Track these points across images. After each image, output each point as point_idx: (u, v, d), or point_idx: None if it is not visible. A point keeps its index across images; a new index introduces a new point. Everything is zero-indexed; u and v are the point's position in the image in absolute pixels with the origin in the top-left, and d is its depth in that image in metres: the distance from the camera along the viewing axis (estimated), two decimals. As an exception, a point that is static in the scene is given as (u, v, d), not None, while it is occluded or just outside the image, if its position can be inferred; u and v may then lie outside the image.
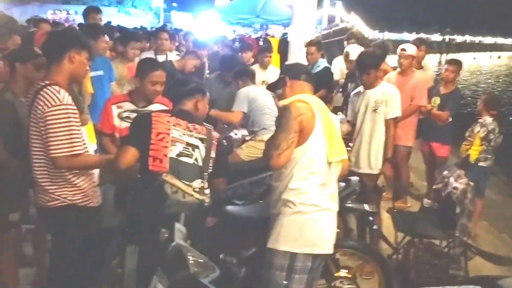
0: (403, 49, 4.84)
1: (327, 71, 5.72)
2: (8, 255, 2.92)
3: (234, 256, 2.87)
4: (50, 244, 2.84)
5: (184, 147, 2.41)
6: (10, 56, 2.88)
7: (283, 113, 2.30)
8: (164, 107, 3.12)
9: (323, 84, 5.57)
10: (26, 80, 2.77)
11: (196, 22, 14.62)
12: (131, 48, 4.56)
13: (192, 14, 15.32)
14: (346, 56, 5.19)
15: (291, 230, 2.29)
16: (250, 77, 4.58)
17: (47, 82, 2.30)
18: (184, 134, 2.43)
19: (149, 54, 5.12)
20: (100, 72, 4.09)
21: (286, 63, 4.41)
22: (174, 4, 29.18)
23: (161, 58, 4.98)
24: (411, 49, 4.85)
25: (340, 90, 5.98)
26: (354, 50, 5.09)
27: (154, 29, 14.98)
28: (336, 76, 6.04)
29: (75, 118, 2.31)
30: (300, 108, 2.28)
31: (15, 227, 2.94)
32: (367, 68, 3.70)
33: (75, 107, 2.34)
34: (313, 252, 2.30)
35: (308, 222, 2.28)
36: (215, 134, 2.61)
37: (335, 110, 5.96)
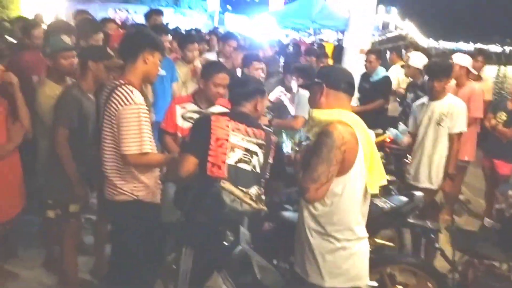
0: (450, 58, 4.69)
1: (386, 80, 5.60)
2: (68, 244, 3.06)
3: (287, 262, 2.85)
4: (110, 234, 2.96)
5: (243, 153, 2.38)
6: (83, 53, 3.00)
7: (324, 140, 2.02)
8: (226, 110, 3.17)
9: (381, 93, 5.48)
10: (95, 79, 2.90)
11: (250, 24, 14.74)
12: (189, 51, 4.64)
13: (248, 17, 15.47)
14: (406, 60, 5.07)
15: (336, 267, 2.12)
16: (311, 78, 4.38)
17: (122, 81, 2.39)
18: (243, 140, 2.39)
19: (212, 56, 5.20)
20: (163, 73, 4.21)
21: (324, 65, 4.19)
22: (229, 7, 29.54)
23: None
24: (462, 60, 4.65)
25: (398, 99, 5.85)
26: (416, 56, 4.96)
27: (209, 31, 15.28)
28: (393, 85, 5.92)
29: (146, 117, 2.39)
30: (344, 135, 2.01)
31: (75, 217, 3.05)
32: (438, 75, 3.57)
33: (146, 107, 2.42)
34: (360, 285, 2.19)
35: (353, 256, 2.14)
36: (274, 138, 2.56)
37: (391, 120, 5.86)
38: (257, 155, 2.42)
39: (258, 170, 2.41)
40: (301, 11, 12.47)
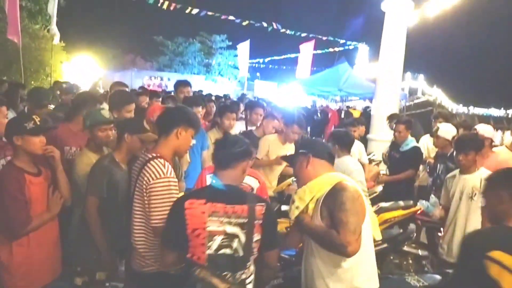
0: (474, 129, 4.72)
1: (416, 151, 5.53)
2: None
3: None
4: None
5: (222, 239, 2.16)
6: (121, 125, 3.14)
7: (344, 194, 2.18)
8: (254, 180, 3.20)
9: (411, 163, 5.42)
10: (129, 150, 3.01)
11: (278, 91, 15.20)
12: (227, 119, 4.77)
13: (277, 84, 16.04)
14: (435, 131, 5.04)
15: None
16: (347, 145, 4.17)
17: (154, 154, 2.48)
18: (222, 223, 2.16)
19: (240, 125, 5.33)
20: (193, 141, 4.34)
21: (303, 139, 4.17)
22: (258, 74, 30.73)
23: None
24: (484, 130, 4.65)
25: (427, 169, 5.76)
26: (445, 127, 4.95)
27: (239, 96, 15.79)
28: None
29: (176, 189, 2.44)
30: (356, 188, 2.23)
31: (101, 285, 3.02)
32: (465, 149, 3.59)
33: (176, 179, 2.49)
34: None
35: None
36: (260, 209, 2.23)
37: (420, 189, 5.74)
38: (238, 237, 2.18)
39: (240, 253, 2.18)
40: (328, 80, 12.84)
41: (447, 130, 4.89)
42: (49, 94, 4.98)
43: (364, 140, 7.52)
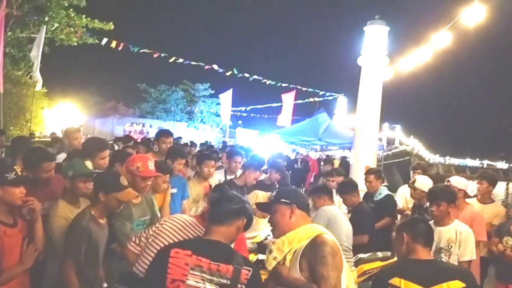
0: (448, 181, 4.75)
1: (389, 198, 5.65)
2: None
3: None
4: None
5: None
6: (95, 182, 3.06)
7: (324, 248, 2.14)
8: None
9: (386, 212, 5.49)
10: (106, 209, 2.97)
11: (259, 139, 15.39)
12: (206, 166, 4.78)
13: (258, 133, 16.30)
14: (412, 183, 5.13)
15: None
16: (328, 194, 4.30)
17: None
18: (203, 280, 2.06)
19: (220, 174, 5.36)
20: (174, 190, 4.34)
21: (283, 188, 4.17)
22: (240, 122, 31.13)
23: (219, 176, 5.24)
24: (457, 182, 4.70)
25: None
26: (421, 179, 5.05)
27: (221, 144, 15.88)
28: (400, 204, 5.94)
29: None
30: (335, 242, 2.21)
31: None
32: (437, 200, 3.62)
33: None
34: None
35: None
36: (245, 274, 2.10)
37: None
38: None
39: None
40: (308, 129, 13.12)
41: (423, 182, 4.96)
42: (31, 142, 4.86)
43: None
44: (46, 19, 14.09)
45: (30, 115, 13.40)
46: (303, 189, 9.05)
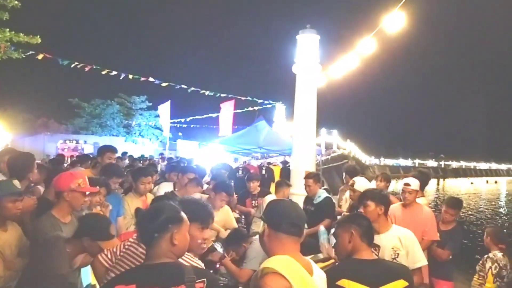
0: (407, 184, 4.68)
1: (328, 201, 5.84)
2: None
3: None
4: None
5: None
6: (84, 224, 2.90)
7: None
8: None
9: (326, 214, 5.66)
10: (84, 251, 2.85)
11: (200, 150, 15.27)
12: (141, 183, 4.66)
13: (198, 144, 16.14)
14: (352, 185, 5.31)
15: None
16: (245, 240, 4.07)
17: None
18: None
19: (168, 187, 5.25)
20: (110, 207, 4.20)
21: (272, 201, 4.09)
22: (180, 134, 30.73)
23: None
24: (415, 184, 4.70)
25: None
26: (360, 181, 5.24)
27: (161, 156, 15.55)
28: (342, 206, 6.16)
29: None
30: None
31: None
32: (363, 199, 3.48)
33: None
34: None
35: None
36: (201, 284, 1.97)
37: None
38: None
39: None
40: (248, 137, 13.24)
41: (362, 185, 5.16)
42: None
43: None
44: (-35, 32, 13.13)
45: (-52, 136, 12.38)
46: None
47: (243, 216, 6.27)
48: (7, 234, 2.99)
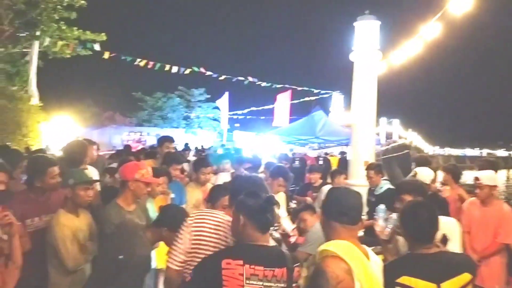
0: (476, 178, 4.37)
1: (390, 192, 5.65)
2: None
3: None
4: None
5: None
6: (165, 215, 2.95)
7: (316, 280, 1.93)
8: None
9: (387, 205, 5.50)
10: (159, 240, 2.92)
11: (256, 140, 15.41)
12: (202, 174, 4.80)
13: (255, 134, 16.33)
14: (414, 175, 5.12)
15: None
16: (311, 210, 4.30)
17: None
18: (262, 287, 2.04)
19: (226, 177, 5.38)
20: (172, 195, 4.36)
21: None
22: (237, 125, 31.18)
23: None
24: (487, 178, 4.31)
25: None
26: (423, 171, 5.02)
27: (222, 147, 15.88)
28: None
29: None
30: (338, 273, 1.91)
31: None
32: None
33: None
34: None
35: None
36: (298, 273, 2.15)
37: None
38: None
39: None
40: (304, 128, 13.15)
41: (425, 174, 4.95)
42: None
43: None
44: (38, 33, 14.11)
45: (26, 129, 13.39)
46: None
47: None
48: (79, 220, 3.21)
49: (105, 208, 3.29)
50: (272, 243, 2.24)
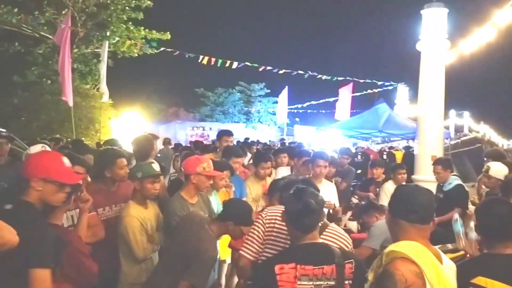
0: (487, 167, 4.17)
1: (459, 189, 5.36)
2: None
3: None
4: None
5: None
6: (229, 209, 2.98)
7: (383, 283, 1.83)
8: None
9: (456, 202, 5.22)
10: (225, 233, 2.98)
11: (317, 135, 15.24)
12: (262, 168, 4.85)
13: (315, 129, 16.16)
14: (486, 171, 4.81)
15: None
16: (378, 210, 4.29)
17: None
18: (313, 286, 2.05)
19: (286, 171, 5.39)
20: (233, 188, 4.42)
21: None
22: (297, 119, 31.01)
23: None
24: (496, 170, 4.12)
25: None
26: (496, 166, 4.71)
27: (281, 141, 15.92)
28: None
29: None
30: (408, 276, 1.79)
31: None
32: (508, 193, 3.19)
33: None
34: None
35: None
36: (349, 268, 2.11)
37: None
38: None
39: None
40: (367, 121, 12.80)
41: (499, 169, 4.64)
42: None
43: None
44: (108, 34, 14.93)
45: (99, 125, 14.25)
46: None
47: (362, 202, 6.12)
48: (147, 211, 3.36)
49: (170, 200, 3.43)
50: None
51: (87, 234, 2.83)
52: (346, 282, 2.05)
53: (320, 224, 2.41)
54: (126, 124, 15.32)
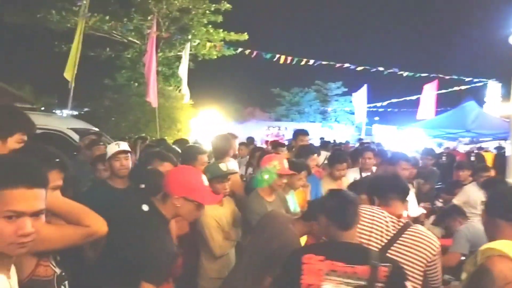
0: None
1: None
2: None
3: None
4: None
5: None
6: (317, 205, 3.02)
7: (479, 280, 1.78)
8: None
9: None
10: (306, 234, 2.92)
11: (398, 135, 14.60)
12: (337, 170, 4.78)
13: (396, 128, 15.49)
14: None
15: None
16: (461, 215, 4.23)
17: None
18: (339, 284, 2.04)
19: (355, 173, 5.26)
20: (309, 187, 4.40)
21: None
22: (376, 118, 29.99)
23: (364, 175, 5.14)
24: None
25: None
26: None
27: (359, 142, 15.52)
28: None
29: None
30: (507, 273, 1.73)
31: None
32: None
33: None
34: None
35: None
36: (384, 271, 2.04)
37: None
38: None
39: None
40: (454, 120, 12.04)
41: None
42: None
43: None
44: (190, 37, 15.57)
45: (180, 125, 14.92)
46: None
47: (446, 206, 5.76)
48: (223, 209, 3.46)
49: (248, 198, 3.49)
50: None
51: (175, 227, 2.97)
52: (379, 284, 2.01)
53: (401, 224, 2.38)
54: (205, 123, 15.89)
